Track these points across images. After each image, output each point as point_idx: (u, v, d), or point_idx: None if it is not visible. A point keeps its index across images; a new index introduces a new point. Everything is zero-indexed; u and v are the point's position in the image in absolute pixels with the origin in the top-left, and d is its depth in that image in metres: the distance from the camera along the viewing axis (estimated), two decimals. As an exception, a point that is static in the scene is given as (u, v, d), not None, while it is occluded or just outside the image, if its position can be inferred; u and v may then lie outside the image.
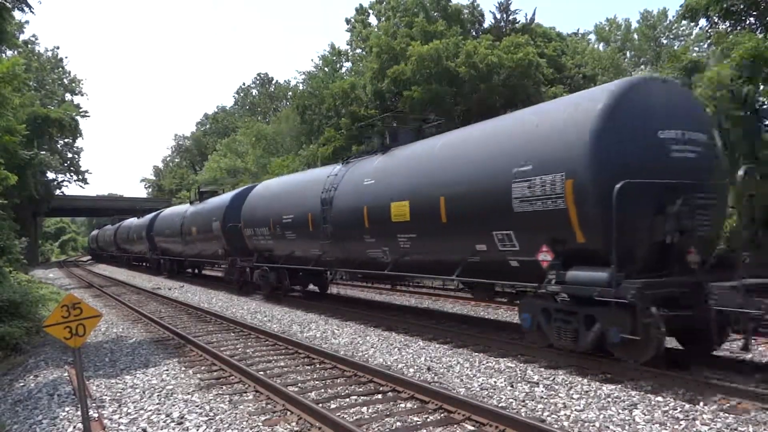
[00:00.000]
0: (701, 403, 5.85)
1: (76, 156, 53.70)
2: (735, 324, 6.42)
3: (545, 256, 7.69)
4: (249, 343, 10.27)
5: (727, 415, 5.50)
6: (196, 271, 28.26)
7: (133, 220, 39.11)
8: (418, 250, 10.43)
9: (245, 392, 7.10)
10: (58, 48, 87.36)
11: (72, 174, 53.19)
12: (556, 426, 5.37)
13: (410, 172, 10.58)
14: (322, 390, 7.02)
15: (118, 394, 7.22)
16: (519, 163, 7.84)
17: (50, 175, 47.05)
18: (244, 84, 78.11)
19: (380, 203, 10.97)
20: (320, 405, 6.14)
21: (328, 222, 12.80)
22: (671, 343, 7.47)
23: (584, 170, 7.00)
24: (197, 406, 6.51)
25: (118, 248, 43.86)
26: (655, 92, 7.48)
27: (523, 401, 6.21)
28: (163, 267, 30.30)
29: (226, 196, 21.71)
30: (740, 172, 6.51)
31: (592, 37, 58.11)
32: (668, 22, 55.31)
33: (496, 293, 10.41)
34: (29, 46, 46.39)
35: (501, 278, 8.89)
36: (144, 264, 36.88)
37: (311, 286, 17.14)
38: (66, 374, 8.37)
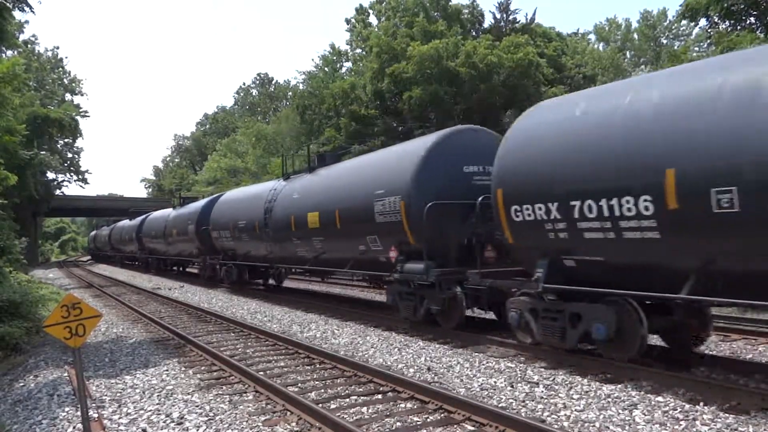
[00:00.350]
0: (701, 403, 5.85)
1: (76, 156, 53.79)
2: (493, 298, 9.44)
3: (393, 254, 10.90)
4: (249, 343, 10.27)
5: (727, 415, 5.50)
6: (181, 268, 30.56)
7: (125, 222, 41.46)
8: (326, 250, 13.55)
9: (245, 392, 7.10)
10: (58, 48, 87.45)
11: (72, 174, 53.28)
12: (556, 426, 5.37)
13: (321, 190, 13.86)
14: (322, 390, 7.02)
15: (118, 395, 7.22)
16: (378, 188, 11.04)
17: (50, 175, 47.12)
18: (244, 84, 78.17)
19: (302, 213, 14.09)
20: (320, 405, 6.14)
21: (269, 227, 16.03)
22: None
23: (410, 195, 10.16)
24: (197, 407, 6.51)
25: (112, 248, 46.59)
26: (465, 138, 10.64)
27: (523, 401, 6.21)
28: (151, 265, 33.18)
29: (199, 203, 24.61)
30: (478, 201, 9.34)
31: (592, 37, 58.15)
32: (668, 21, 55.34)
33: (384, 281, 12.91)
34: (29, 46, 46.41)
35: (377, 270, 11.92)
36: (135, 263, 39.06)
37: (271, 281, 20.32)
38: (66, 374, 8.37)
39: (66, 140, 46.71)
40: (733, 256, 5.79)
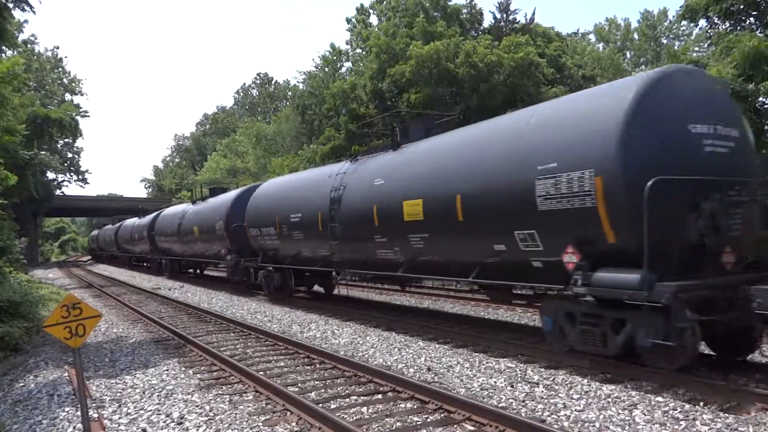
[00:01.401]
0: (701, 403, 5.85)
1: (76, 156, 53.89)
2: None
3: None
4: (249, 343, 10.27)
5: (727, 415, 5.50)
6: (144, 264, 38.07)
7: (109, 227, 49.28)
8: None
9: (245, 392, 7.10)
10: (58, 48, 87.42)
11: (72, 174, 53.37)
12: (556, 426, 5.37)
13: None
14: (322, 390, 7.03)
15: (118, 394, 7.22)
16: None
17: (50, 175, 47.15)
18: (244, 84, 78.21)
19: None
20: (320, 405, 6.14)
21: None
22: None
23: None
24: (197, 406, 6.51)
25: (100, 248, 54.24)
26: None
27: (523, 401, 6.21)
28: (126, 261, 41.77)
29: (151, 215, 32.36)
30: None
31: (592, 37, 58.12)
32: (668, 22, 55.29)
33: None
34: (29, 46, 46.36)
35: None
36: (116, 259, 46.10)
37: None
38: (66, 374, 8.37)
39: (66, 140, 46.66)
40: (298, 251, 14.61)
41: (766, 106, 13.25)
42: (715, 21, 18.12)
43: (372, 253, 11.57)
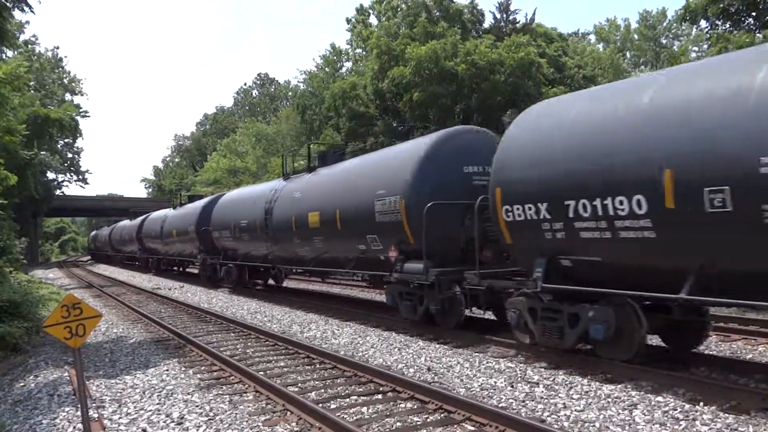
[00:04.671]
0: (701, 403, 5.85)
1: (76, 156, 53.87)
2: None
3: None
4: (249, 343, 10.27)
5: (727, 415, 5.50)
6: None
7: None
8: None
9: (245, 392, 7.10)
10: (58, 48, 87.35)
11: (72, 174, 53.37)
12: (556, 426, 5.37)
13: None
14: (322, 390, 7.03)
15: (118, 395, 7.22)
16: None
17: (50, 175, 47.19)
18: (245, 84, 78.31)
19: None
20: (320, 405, 6.14)
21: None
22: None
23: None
24: (197, 406, 6.51)
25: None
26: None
27: (523, 401, 6.21)
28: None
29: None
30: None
31: (592, 37, 58.15)
32: (668, 22, 55.29)
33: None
34: (29, 46, 46.37)
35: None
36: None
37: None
38: (66, 374, 8.37)
39: (66, 140, 46.67)
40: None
41: None
42: (715, 21, 18.15)
43: None
